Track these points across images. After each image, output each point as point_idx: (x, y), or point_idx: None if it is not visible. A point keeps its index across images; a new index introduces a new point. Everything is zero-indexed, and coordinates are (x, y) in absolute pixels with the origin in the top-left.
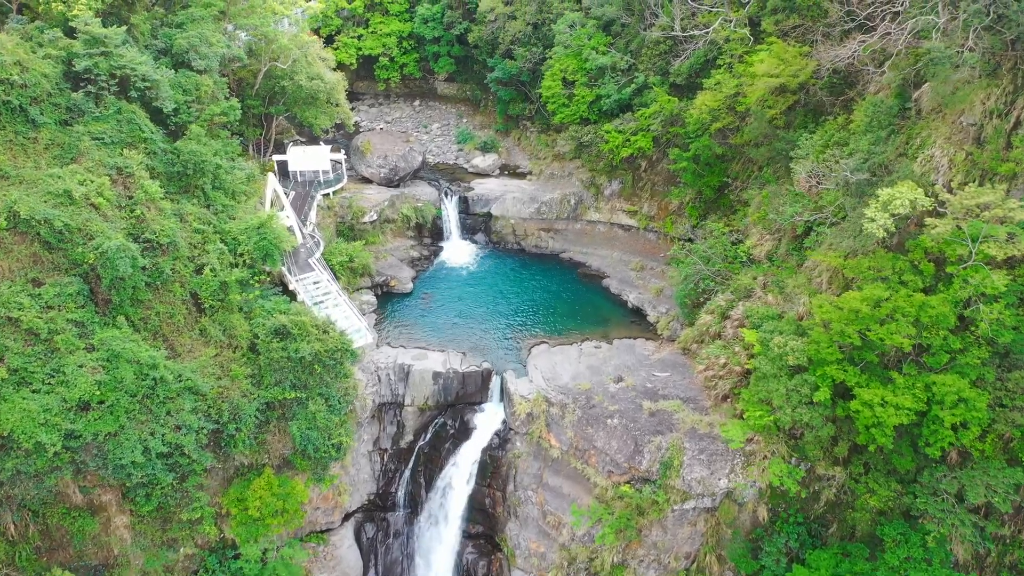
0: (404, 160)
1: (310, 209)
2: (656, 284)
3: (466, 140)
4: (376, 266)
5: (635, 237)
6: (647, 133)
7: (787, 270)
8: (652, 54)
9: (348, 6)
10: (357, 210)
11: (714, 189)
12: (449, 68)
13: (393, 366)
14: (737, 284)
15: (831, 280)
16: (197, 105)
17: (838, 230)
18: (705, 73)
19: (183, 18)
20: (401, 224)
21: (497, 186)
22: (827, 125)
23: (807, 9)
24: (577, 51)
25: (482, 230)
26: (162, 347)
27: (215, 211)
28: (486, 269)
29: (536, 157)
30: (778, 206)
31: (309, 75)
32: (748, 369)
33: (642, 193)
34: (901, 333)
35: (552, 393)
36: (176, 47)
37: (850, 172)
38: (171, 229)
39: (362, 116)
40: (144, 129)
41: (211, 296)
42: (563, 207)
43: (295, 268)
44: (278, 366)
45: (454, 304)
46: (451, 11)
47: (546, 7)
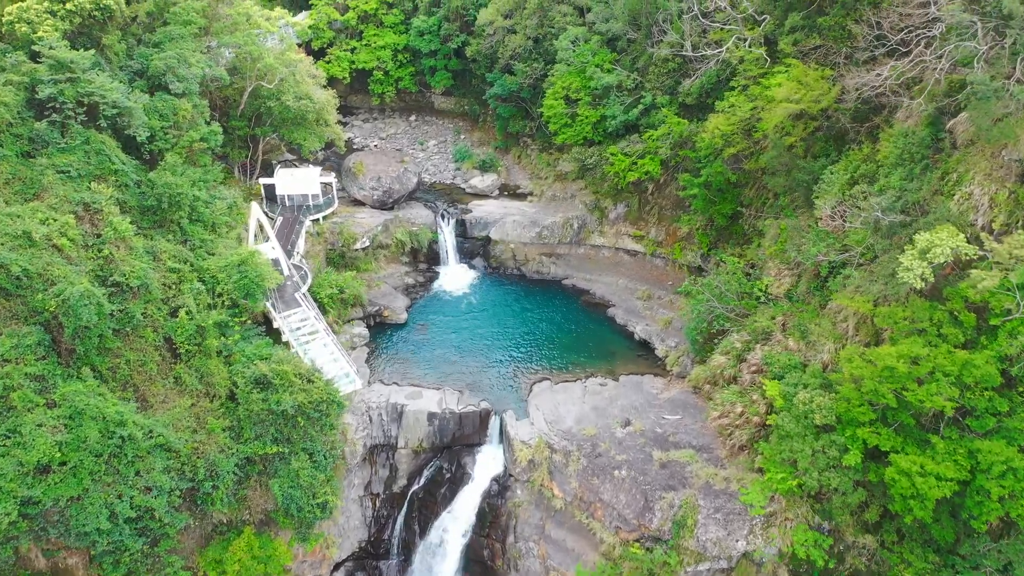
0: (398, 182)
1: (298, 237)
2: (664, 315)
3: (464, 158)
4: (368, 295)
5: (641, 263)
6: (655, 156)
7: (809, 312)
8: (660, 72)
9: (341, 18)
10: (348, 236)
11: (726, 217)
12: (446, 83)
13: (386, 406)
14: (754, 325)
15: (858, 327)
16: (175, 131)
17: (866, 273)
18: (717, 94)
19: (161, 36)
20: (395, 249)
21: (496, 208)
22: (851, 155)
23: (829, 30)
24: (580, 68)
25: (481, 254)
26: (132, 399)
27: (192, 246)
28: (485, 297)
29: (537, 177)
30: (799, 243)
31: (297, 95)
32: (767, 420)
33: (649, 217)
34: (942, 395)
35: (555, 439)
36: (152, 69)
37: (881, 212)
38: (142, 270)
39: (355, 132)
40: (114, 160)
41: (187, 341)
42: (566, 231)
43: (280, 304)
44: (258, 419)
45: (451, 336)
46: (448, 23)
47: (547, 21)
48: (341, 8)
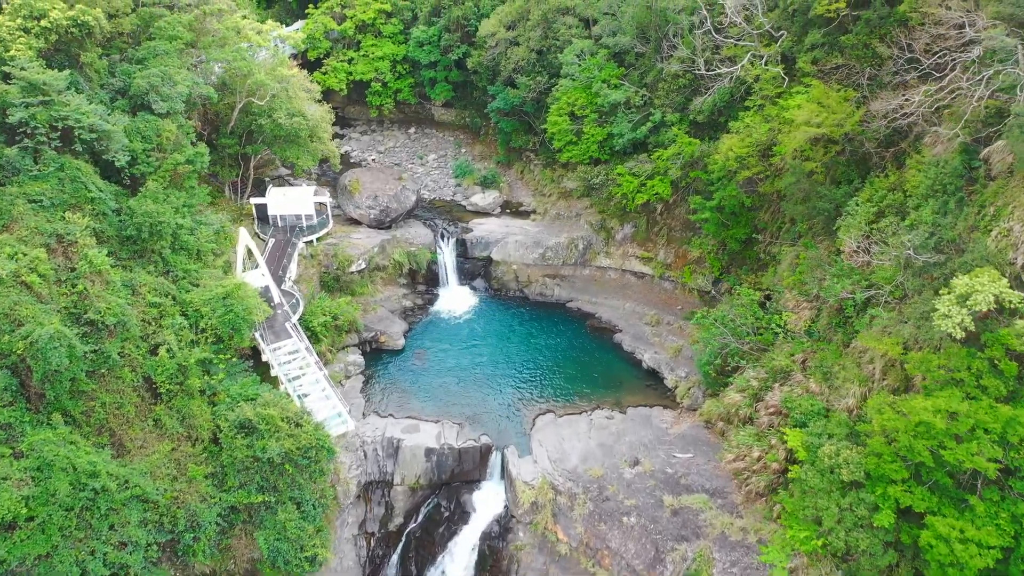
0: (396, 200)
1: (290, 261)
2: (674, 342)
3: (465, 174)
4: (364, 320)
5: (650, 286)
6: (664, 177)
7: (831, 351)
8: (670, 89)
9: (338, 28)
10: (343, 259)
11: (740, 242)
12: (446, 95)
13: (381, 440)
14: (772, 363)
15: (886, 370)
16: (158, 154)
17: (895, 313)
18: (731, 112)
19: (145, 52)
20: (393, 271)
21: (498, 227)
22: (876, 182)
23: (852, 48)
24: (586, 84)
25: (482, 275)
26: (108, 444)
27: (175, 277)
28: (486, 321)
29: (541, 194)
30: (819, 276)
31: (289, 111)
32: (787, 467)
33: (657, 239)
34: (984, 455)
35: (559, 479)
36: (135, 88)
37: (913, 250)
38: (119, 306)
39: (352, 145)
40: (91, 188)
41: (168, 380)
42: (570, 252)
43: (269, 334)
44: (242, 466)
45: (450, 363)
46: (448, 34)
47: (552, 33)
48: (338, 18)
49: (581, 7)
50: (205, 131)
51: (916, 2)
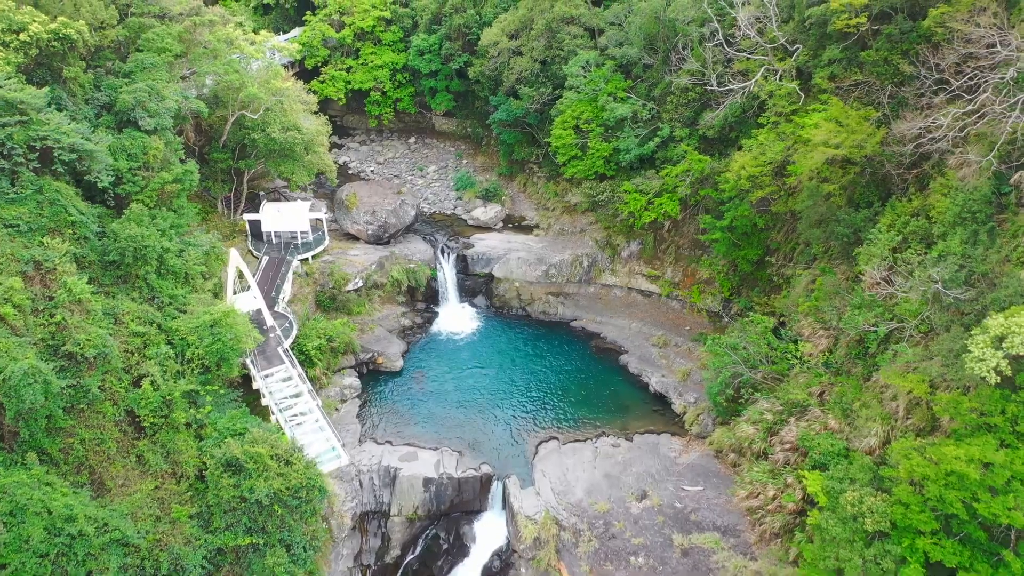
0: (395, 215)
1: (283, 281)
2: (682, 365)
3: (466, 186)
4: (361, 341)
5: (656, 305)
6: (673, 195)
7: (851, 384)
8: (678, 102)
9: (336, 35)
10: (340, 278)
11: (751, 263)
12: (447, 104)
13: (378, 469)
14: (787, 395)
15: (911, 409)
16: (145, 172)
17: (922, 349)
18: (742, 127)
19: (132, 66)
20: (391, 289)
21: (500, 243)
22: (898, 207)
23: (873, 65)
24: (592, 97)
25: (483, 293)
26: (87, 482)
27: (160, 304)
28: (487, 340)
29: (544, 207)
30: (838, 305)
31: (283, 125)
32: (804, 507)
33: (665, 257)
34: (1021, 509)
35: (563, 514)
36: (120, 104)
37: (942, 284)
38: (100, 337)
39: (351, 155)
40: (71, 211)
41: (152, 414)
42: (574, 269)
43: (261, 360)
44: (229, 506)
45: (450, 386)
46: (449, 42)
47: (556, 43)
48: (336, 25)
49: (586, 16)
50: (198, 143)
51: (941, 17)
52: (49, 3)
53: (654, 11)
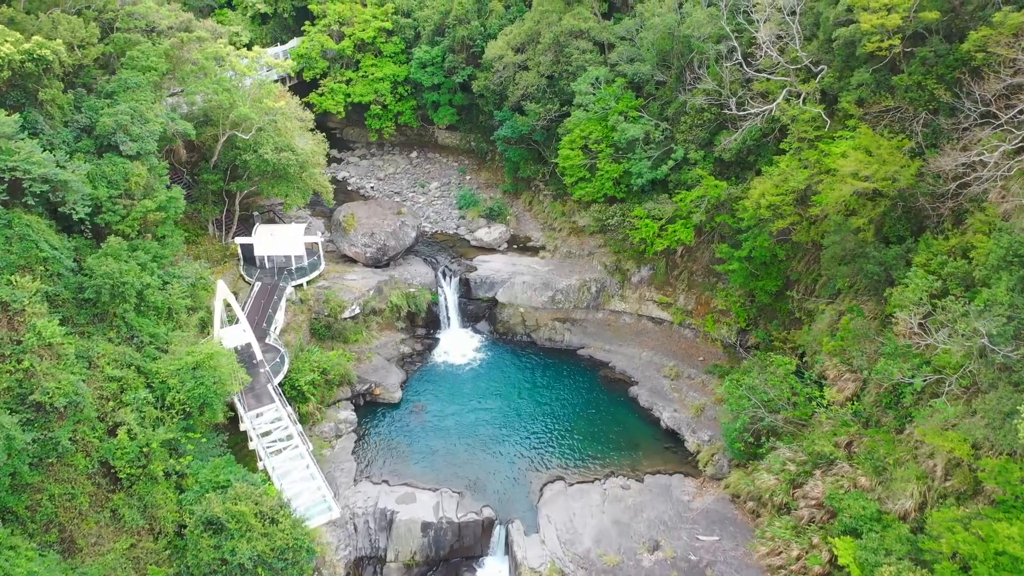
0: (394, 237)
1: (276, 310)
2: (695, 399)
3: (469, 205)
4: (358, 370)
5: (668, 333)
6: (687, 221)
7: (882, 436)
8: (693, 123)
9: (335, 46)
10: (336, 305)
11: (770, 294)
12: (450, 119)
13: (373, 512)
14: (812, 446)
15: (951, 470)
16: (126, 200)
17: (963, 405)
18: (761, 151)
19: (115, 85)
20: (390, 314)
21: (504, 266)
22: (933, 244)
23: (906, 90)
24: (602, 115)
25: (486, 318)
26: (57, 543)
27: (140, 343)
28: (490, 369)
29: (550, 228)
30: (867, 351)
31: (277, 146)
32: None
33: (677, 283)
34: None
35: (570, 566)
36: (100, 128)
37: (988, 339)
38: (71, 385)
39: (350, 170)
40: (43, 247)
41: (128, 464)
42: (582, 295)
43: (250, 398)
44: (209, 569)
45: (450, 419)
46: (453, 55)
47: (564, 58)
48: (336, 36)
49: (596, 30)
50: (191, 159)
51: (982, 41)
52: (25, 21)
53: (667, 27)
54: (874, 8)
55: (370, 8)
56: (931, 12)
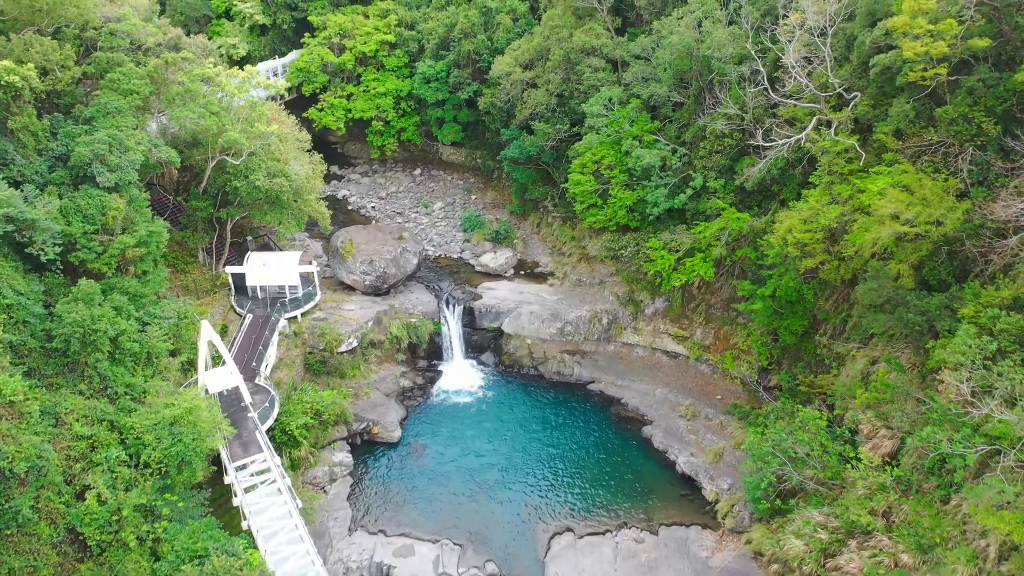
0: (395, 264)
1: (267, 346)
2: (713, 443)
3: (474, 227)
4: (355, 407)
5: (684, 368)
6: (707, 254)
7: (926, 507)
8: (712, 148)
9: (336, 60)
10: (332, 339)
11: (796, 334)
12: (455, 136)
13: (368, 566)
14: (845, 514)
15: (1005, 553)
16: (103, 236)
17: (1020, 480)
18: (786, 181)
19: (94, 111)
20: (389, 346)
21: (511, 294)
22: (983, 295)
23: (951, 123)
24: (615, 139)
25: (491, 349)
26: None
27: (114, 395)
28: (494, 405)
29: (559, 252)
30: (909, 412)
31: (269, 171)
32: None
33: (694, 316)
34: None
35: None
36: (75, 158)
37: None
38: (34, 447)
39: (351, 188)
40: (6, 293)
41: (98, 531)
42: (592, 327)
43: (236, 446)
44: None
45: (452, 461)
46: (458, 70)
47: (575, 76)
48: (336, 49)
49: (609, 47)
50: (183, 180)
51: None
52: None
53: (686, 47)
54: (918, 34)
55: (372, 20)
56: (981, 40)
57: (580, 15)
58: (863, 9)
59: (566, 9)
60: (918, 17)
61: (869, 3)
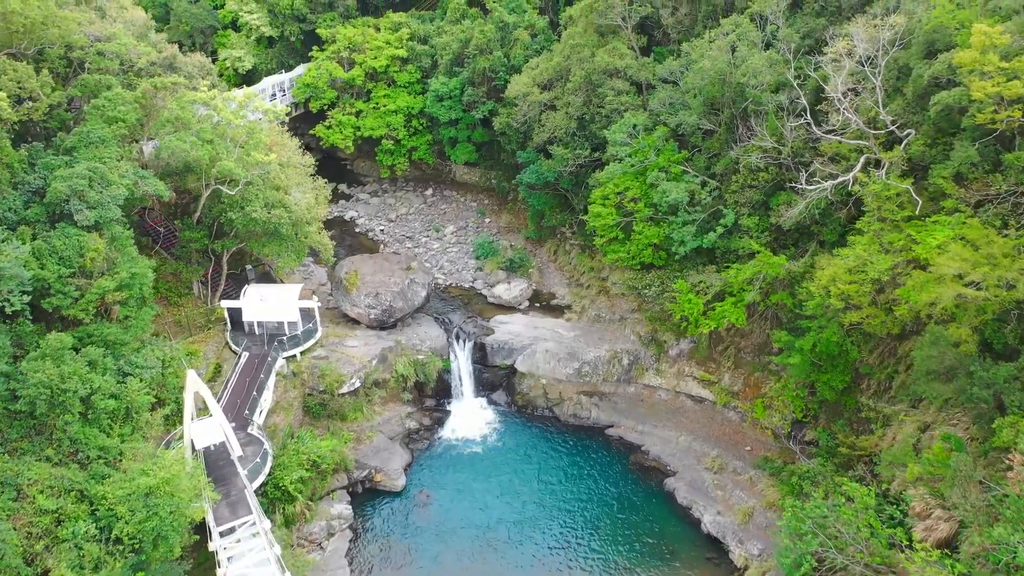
0: (402, 297)
1: (262, 390)
2: (742, 501)
3: (487, 255)
4: (356, 453)
5: (710, 414)
6: (739, 298)
7: None
8: (745, 183)
9: (345, 75)
10: (333, 379)
11: (836, 390)
12: (468, 157)
13: None
14: None
15: None
16: (80, 280)
17: None
18: (828, 221)
19: (75, 140)
20: (395, 385)
21: (525, 328)
22: None
23: (1021, 171)
24: (639, 170)
25: (503, 387)
26: None
27: (85, 459)
28: (506, 450)
29: (577, 284)
30: (974, 502)
31: (267, 202)
32: None
33: (722, 359)
34: None
35: None
36: (51, 194)
37: None
38: None
39: (359, 209)
40: None
41: None
42: (612, 367)
43: (222, 507)
44: None
45: (459, 514)
46: (473, 88)
47: (596, 98)
48: (346, 63)
49: (633, 69)
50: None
51: None
52: None
53: (719, 72)
54: (988, 71)
55: (384, 34)
56: None
57: (603, 32)
58: (920, 38)
59: (588, 26)
60: (988, 52)
61: (927, 32)
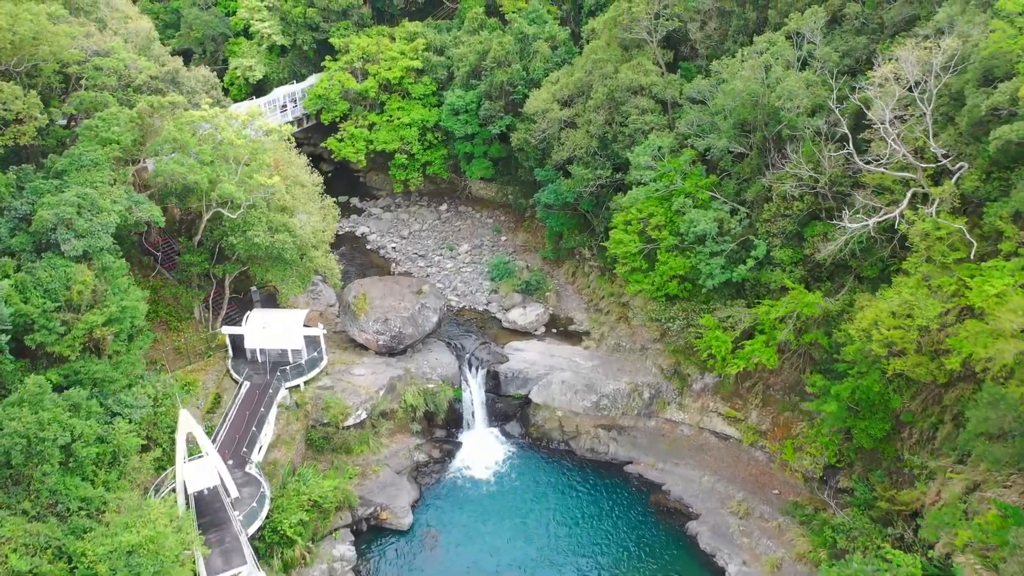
0: (412, 323)
1: (263, 424)
2: (770, 549)
3: (503, 276)
4: (361, 489)
5: (735, 453)
6: (770, 337)
7: None
8: (778, 212)
9: (357, 87)
10: (338, 412)
11: (874, 439)
12: (485, 172)
13: None
14: None
15: None
16: (67, 314)
17: None
18: (869, 256)
19: (66, 163)
20: (403, 416)
21: (541, 357)
22: None
23: None
24: (664, 195)
25: (517, 418)
26: None
27: (65, 511)
28: (518, 487)
29: (596, 309)
30: None
31: (271, 226)
32: None
33: (750, 396)
34: None
35: None
36: (37, 223)
37: None
38: None
39: (371, 225)
40: None
41: None
42: (632, 401)
43: (215, 555)
44: None
45: (470, 556)
46: (490, 102)
47: (619, 117)
48: (359, 75)
49: (659, 86)
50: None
51: None
52: None
53: (751, 94)
54: None
55: (398, 44)
56: None
57: (627, 46)
58: (977, 64)
59: (611, 40)
60: None
61: (985, 58)
